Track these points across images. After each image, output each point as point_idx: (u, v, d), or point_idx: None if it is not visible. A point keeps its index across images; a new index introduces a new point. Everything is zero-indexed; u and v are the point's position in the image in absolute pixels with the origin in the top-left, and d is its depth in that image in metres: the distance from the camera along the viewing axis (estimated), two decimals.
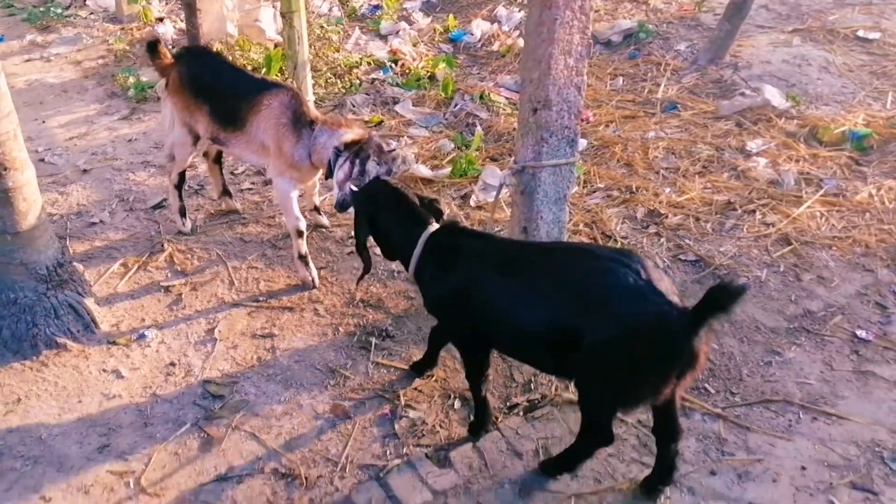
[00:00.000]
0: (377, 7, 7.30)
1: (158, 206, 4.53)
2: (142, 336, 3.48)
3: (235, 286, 3.82)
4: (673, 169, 4.73)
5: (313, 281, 3.80)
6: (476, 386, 2.87)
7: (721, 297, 2.16)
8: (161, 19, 7.06)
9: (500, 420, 2.99)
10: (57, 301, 3.28)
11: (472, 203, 4.44)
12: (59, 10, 7.50)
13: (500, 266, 2.60)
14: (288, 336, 3.50)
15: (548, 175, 3.39)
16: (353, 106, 5.65)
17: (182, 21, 6.59)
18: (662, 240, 4.10)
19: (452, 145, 5.10)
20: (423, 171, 4.72)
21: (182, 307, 3.69)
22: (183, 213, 4.23)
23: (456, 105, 5.66)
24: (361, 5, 7.36)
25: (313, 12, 7.13)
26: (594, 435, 2.59)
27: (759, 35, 6.49)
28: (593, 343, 2.32)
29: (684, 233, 4.15)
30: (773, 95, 5.42)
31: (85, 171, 4.92)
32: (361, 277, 3.11)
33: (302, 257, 3.79)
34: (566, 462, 2.71)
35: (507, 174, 3.45)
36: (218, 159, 4.31)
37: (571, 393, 3.08)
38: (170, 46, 6.50)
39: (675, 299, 2.29)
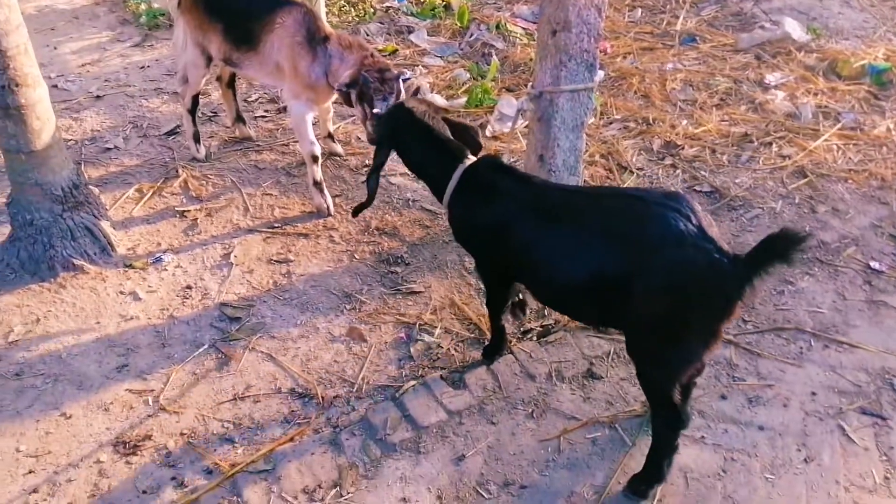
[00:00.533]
0: None
1: (172, 132, 4.51)
2: (158, 259, 3.51)
3: (250, 212, 3.83)
4: (690, 101, 4.66)
5: (328, 208, 3.80)
6: (496, 315, 2.86)
7: (781, 245, 1.99)
8: None
9: (513, 344, 3.02)
10: (73, 223, 3.30)
11: (487, 133, 4.40)
12: None
13: (542, 210, 2.47)
14: (303, 262, 3.52)
15: (566, 101, 3.33)
16: (367, 34, 5.55)
17: None
18: (678, 171, 4.06)
19: (468, 75, 5.03)
20: (439, 100, 4.67)
21: (197, 232, 3.71)
22: (197, 138, 4.21)
23: (472, 35, 5.56)
24: None
25: None
26: (662, 414, 2.36)
27: None
28: (642, 292, 2.21)
29: (700, 164, 4.11)
30: (794, 28, 5.30)
31: (98, 97, 4.88)
32: (361, 208, 2.85)
33: (317, 184, 3.78)
34: (653, 469, 2.45)
35: (525, 100, 3.40)
36: (231, 84, 4.24)
37: None
38: None
39: (724, 245, 2.16)
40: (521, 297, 3.06)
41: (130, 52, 5.51)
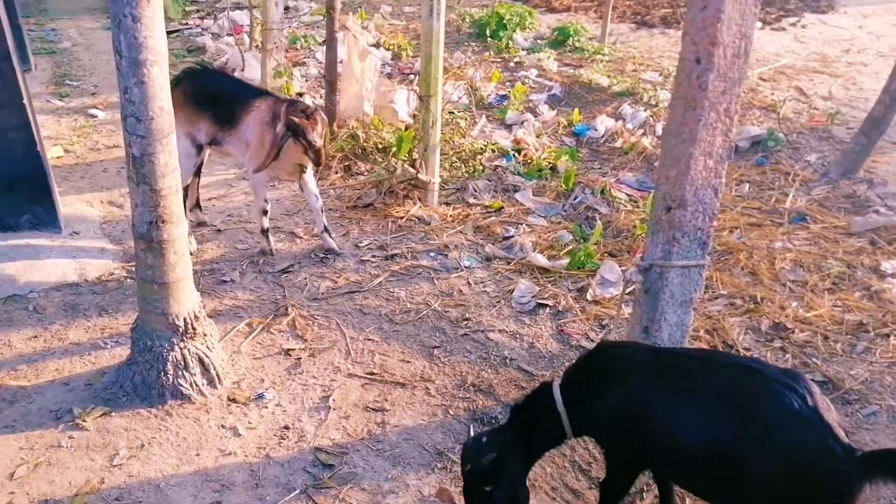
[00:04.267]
0: (504, 97, 7.53)
1: (285, 270, 4.73)
2: (260, 396, 3.59)
3: (351, 356, 3.91)
4: (800, 282, 4.55)
5: (271, 251, 4.81)
6: (610, 500, 2.75)
7: None
8: (301, 94, 7.52)
9: None
10: (188, 352, 3.45)
11: (588, 297, 4.41)
12: None
13: (658, 376, 2.49)
14: (398, 412, 3.53)
15: (676, 276, 3.33)
16: (475, 191, 5.79)
17: (320, 97, 7.00)
18: (787, 356, 3.92)
19: (571, 237, 5.12)
20: (541, 259, 4.75)
21: (300, 371, 3.80)
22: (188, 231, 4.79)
23: (576, 198, 5.71)
24: (489, 94, 7.60)
25: (444, 98, 7.43)
26: None
27: None
28: (752, 470, 2.14)
29: (811, 350, 3.96)
30: None
31: (219, 231, 5.21)
32: None
33: (264, 231, 4.79)
34: None
35: (634, 271, 3.42)
36: (197, 172, 4.96)
37: None
38: None
39: (841, 433, 2.08)
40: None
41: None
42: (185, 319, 3.39)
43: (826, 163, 6.09)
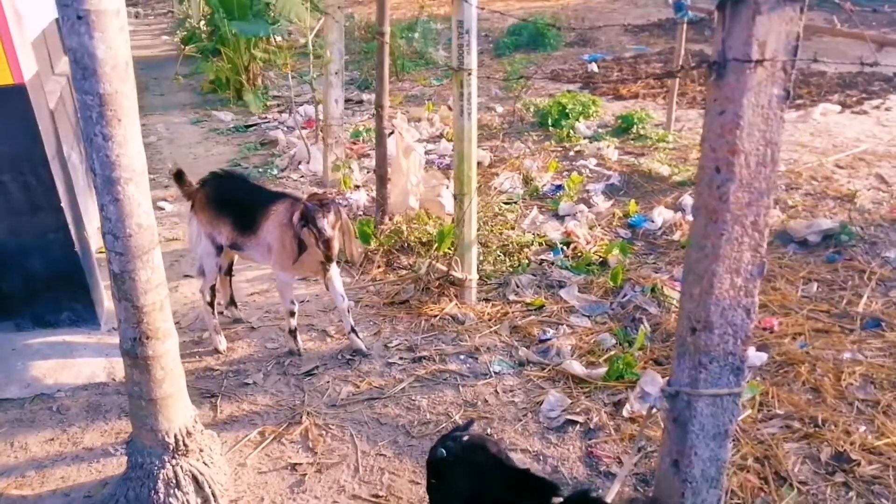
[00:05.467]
0: (559, 187, 7.31)
1: (309, 372, 4.58)
2: None
3: (359, 474, 3.66)
4: (871, 402, 4.03)
5: (299, 350, 4.72)
6: None
7: None
8: (358, 187, 7.56)
9: None
10: (181, 470, 3.29)
11: (624, 413, 4.04)
12: (275, 172, 8.29)
13: None
14: None
15: (706, 405, 2.96)
16: (518, 286, 5.54)
17: (373, 190, 6.99)
18: (851, 493, 3.41)
19: (613, 341, 4.77)
20: (576, 367, 4.41)
21: (303, 490, 3.58)
22: (218, 330, 4.81)
23: (625, 295, 5.36)
24: (544, 184, 7.41)
25: (495, 188, 7.30)
26: None
27: None
28: None
29: (881, 489, 3.43)
30: None
31: (253, 328, 5.14)
32: None
33: (292, 332, 4.70)
34: None
35: (659, 397, 3.08)
36: (229, 271, 5.04)
37: None
38: (360, 213, 6.92)
39: None
40: None
41: (295, 285, 5.86)
42: (175, 436, 3.25)
43: None
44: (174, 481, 3.27)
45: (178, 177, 4.78)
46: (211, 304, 4.76)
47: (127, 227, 2.70)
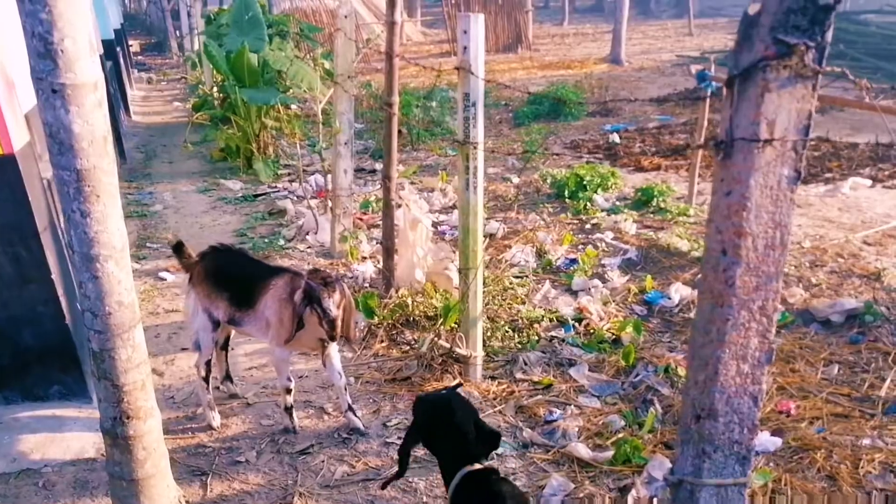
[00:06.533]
0: (574, 261, 7.18)
1: (304, 451, 4.41)
2: None
3: None
4: (890, 492, 3.75)
5: (294, 429, 4.58)
6: None
7: None
8: (365, 259, 7.49)
9: None
10: None
11: (629, 500, 3.79)
12: (281, 242, 8.22)
13: None
14: None
15: (710, 495, 2.77)
16: (525, 364, 5.36)
17: (381, 262, 6.91)
18: None
19: (623, 423, 4.55)
20: (582, 450, 4.19)
21: None
22: (212, 406, 4.70)
23: (637, 375, 5.15)
24: (558, 258, 7.28)
25: (506, 260, 7.18)
26: None
27: None
28: None
29: None
30: None
31: (249, 404, 5.00)
32: (389, 481, 3.07)
33: (287, 409, 4.59)
34: None
35: (662, 485, 2.89)
36: (225, 346, 4.92)
37: None
38: (366, 285, 6.82)
39: None
40: None
41: (294, 359, 5.72)
42: None
43: None
44: None
45: (178, 248, 4.70)
46: (206, 379, 4.63)
47: (106, 305, 2.62)
